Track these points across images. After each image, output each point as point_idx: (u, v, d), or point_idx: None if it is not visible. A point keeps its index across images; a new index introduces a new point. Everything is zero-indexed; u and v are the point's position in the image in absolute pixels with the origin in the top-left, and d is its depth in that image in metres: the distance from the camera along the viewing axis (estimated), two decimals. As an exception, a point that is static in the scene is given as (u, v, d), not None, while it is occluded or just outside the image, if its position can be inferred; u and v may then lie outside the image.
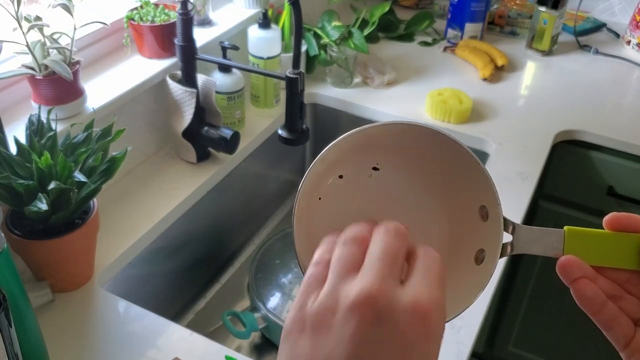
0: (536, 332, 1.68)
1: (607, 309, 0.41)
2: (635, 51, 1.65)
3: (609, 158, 1.37)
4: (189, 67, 1.14)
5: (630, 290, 0.42)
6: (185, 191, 1.15)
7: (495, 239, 0.43)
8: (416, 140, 0.44)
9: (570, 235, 0.43)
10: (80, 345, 0.85)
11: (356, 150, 0.44)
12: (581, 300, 0.42)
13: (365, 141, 0.44)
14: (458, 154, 0.43)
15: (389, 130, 0.44)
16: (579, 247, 0.42)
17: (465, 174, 0.44)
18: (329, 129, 1.52)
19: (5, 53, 0.93)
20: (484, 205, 0.44)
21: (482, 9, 1.65)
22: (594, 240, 0.43)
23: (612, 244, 0.42)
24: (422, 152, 0.45)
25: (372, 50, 1.55)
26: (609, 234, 0.43)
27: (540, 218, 1.50)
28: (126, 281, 1.04)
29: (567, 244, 0.43)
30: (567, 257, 0.42)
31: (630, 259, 0.42)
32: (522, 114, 1.41)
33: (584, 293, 0.42)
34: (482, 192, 0.44)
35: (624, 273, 0.42)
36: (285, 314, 1.17)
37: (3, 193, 0.80)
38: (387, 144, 0.44)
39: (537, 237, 0.43)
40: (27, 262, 0.89)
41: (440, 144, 0.43)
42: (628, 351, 0.42)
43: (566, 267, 0.42)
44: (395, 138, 0.44)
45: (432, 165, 0.45)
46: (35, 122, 0.86)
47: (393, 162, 0.45)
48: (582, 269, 0.42)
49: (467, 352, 0.86)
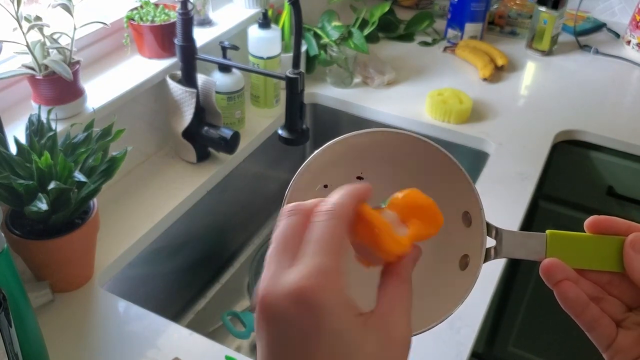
0: (536, 332, 1.68)
1: (589, 311, 0.42)
2: (635, 51, 1.65)
3: (609, 158, 1.37)
4: (189, 67, 1.14)
5: (612, 291, 0.43)
6: (185, 191, 1.15)
7: (479, 244, 0.44)
8: (398, 148, 0.45)
9: (553, 238, 0.43)
10: (80, 345, 0.85)
11: (339, 159, 0.45)
12: (564, 302, 0.43)
13: (348, 150, 0.44)
14: (440, 160, 0.44)
15: (370, 138, 0.44)
16: (561, 251, 0.43)
17: (447, 179, 0.44)
18: (329, 129, 1.52)
19: (5, 53, 0.93)
20: (467, 211, 0.45)
21: (482, 9, 1.65)
22: (576, 244, 0.43)
23: (593, 247, 0.43)
24: (405, 159, 0.45)
25: (372, 50, 1.55)
26: (590, 237, 0.43)
27: (540, 218, 1.50)
28: (126, 281, 1.04)
29: (550, 247, 0.43)
30: (549, 260, 0.43)
31: (612, 262, 0.42)
32: (522, 114, 1.41)
33: (566, 295, 0.42)
34: (465, 197, 0.44)
35: (606, 275, 0.43)
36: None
37: (3, 193, 0.80)
38: (370, 152, 0.45)
39: (520, 242, 0.44)
40: (27, 262, 0.89)
41: (422, 150, 0.44)
42: (610, 352, 0.42)
43: (549, 269, 0.42)
44: (377, 146, 0.45)
45: (414, 172, 0.45)
46: (35, 122, 0.86)
47: (376, 170, 0.46)
48: (564, 271, 0.42)
49: (467, 352, 0.86)
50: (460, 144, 1.35)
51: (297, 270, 0.32)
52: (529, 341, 1.71)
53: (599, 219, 0.43)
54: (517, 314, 1.66)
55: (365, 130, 0.44)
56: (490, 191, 1.16)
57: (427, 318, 0.42)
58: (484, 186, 1.18)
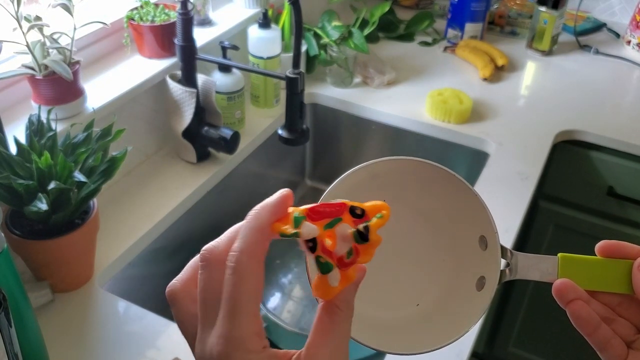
0: (536, 332, 1.68)
1: (601, 331, 0.43)
2: (635, 51, 1.65)
3: (609, 158, 1.37)
4: (189, 67, 1.13)
5: (622, 313, 0.44)
6: (185, 191, 1.15)
7: (495, 267, 0.46)
8: (418, 174, 0.47)
9: (564, 261, 0.45)
10: (80, 345, 0.85)
11: (358, 186, 0.46)
12: (576, 321, 0.44)
13: (367, 177, 0.46)
14: (456, 186, 0.46)
15: (391, 165, 0.46)
16: (573, 273, 0.45)
17: (465, 206, 0.47)
18: (329, 129, 1.52)
19: (5, 53, 0.93)
20: (484, 235, 0.47)
21: (482, 9, 1.65)
22: (587, 266, 0.45)
23: (603, 270, 0.44)
24: (424, 186, 0.47)
25: (372, 50, 1.55)
26: (600, 260, 0.45)
27: (540, 218, 1.50)
28: (126, 281, 1.04)
29: (561, 269, 0.45)
30: (561, 281, 0.44)
31: (621, 284, 0.44)
32: (522, 114, 1.41)
33: (579, 314, 0.43)
34: (481, 222, 0.47)
35: (616, 297, 0.44)
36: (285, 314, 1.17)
37: (3, 193, 0.80)
38: (390, 179, 0.47)
39: (533, 264, 0.46)
40: (27, 262, 0.89)
41: (441, 177, 0.46)
42: None
43: (561, 289, 0.44)
44: (398, 173, 0.47)
45: (434, 198, 0.48)
46: (35, 122, 0.86)
47: (398, 196, 0.47)
48: (576, 291, 0.44)
49: (467, 352, 0.86)
50: (460, 144, 1.35)
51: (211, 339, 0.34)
52: (529, 341, 1.71)
53: (608, 243, 0.45)
54: (517, 314, 1.66)
55: (385, 158, 0.46)
56: (490, 191, 1.16)
57: (444, 335, 0.44)
58: (484, 186, 1.18)
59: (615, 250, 0.44)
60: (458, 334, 0.44)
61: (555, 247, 1.52)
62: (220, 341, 0.33)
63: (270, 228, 0.35)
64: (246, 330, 0.33)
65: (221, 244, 0.36)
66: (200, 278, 0.36)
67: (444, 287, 0.48)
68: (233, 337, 0.33)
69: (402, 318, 0.47)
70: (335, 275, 0.34)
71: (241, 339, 0.33)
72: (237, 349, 0.33)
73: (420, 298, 0.48)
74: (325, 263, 0.34)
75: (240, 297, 0.33)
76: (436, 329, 0.46)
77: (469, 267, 0.48)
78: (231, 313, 0.33)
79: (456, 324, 0.45)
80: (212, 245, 0.36)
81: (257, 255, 0.34)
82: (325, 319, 0.35)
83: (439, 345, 0.44)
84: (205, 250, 0.36)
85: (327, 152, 1.58)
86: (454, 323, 0.45)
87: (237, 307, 0.33)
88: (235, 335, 0.33)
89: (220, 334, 0.33)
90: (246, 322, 0.33)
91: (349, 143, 1.53)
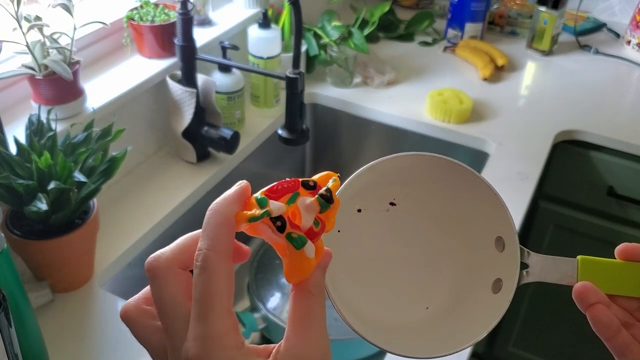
0: (536, 332, 1.68)
1: (621, 336, 0.42)
2: (635, 51, 1.65)
3: (609, 158, 1.37)
4: (189, 67, 1.13)
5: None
6: (185, 191, 1.15)
7: (513, 269, 0.44)
8: (432, 171, 0.45)
9: (584, 264, 0.44)
10: (80, 345, 0.85)
11: (371, 184, 0.45)
12: (597, 326, 0.43)
13: (379, 176, 0.45)
14: (473, 184, 0.45)
15: (400, 162, 0.44)
16: (592, 276, 0.44)
17: (481, 204, 0.45)
18: (329, 129, 1.52)
19: (5, 53, 0.93)
20: (501, 236, 0.45)
21: (482, 9, 1.65)
22: (606, 269, 0.44)
23: (623, 273, 0.44)
24: (439, 183, 0.45)
25: (372, 50, 1.55)
26: (620, 263, 0.44)
27: (540, 218, 1.50)
28: (126, 281, 1.04)
29: (581, 272, 0.44)
30: (582, 284, 0.43)
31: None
32: (522, 114, 1.41)
33: (599, 319, 0.42)
34: (499, 222, 0.45)
35: (635, 302, 0.44)
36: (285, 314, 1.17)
37: (3, 193, 0.80)
38: (401, 177, 0.45)
39: (552, 266, 0.44)
40: (27, 262, 0.89)
41: (457, 173, 0.45)
42: None
43: (582, 293, 0.43)
44: (409, 170, 0.45)
45: (448, 197, 0.46)
46: (35, 122, 0.86)
47: (409, 195, 0.46)
48: (597, 295, 0.43)
49: (467, 352, 0.86)
50: (460, 144, 1.35)
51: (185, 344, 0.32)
52: (529, 341, 1.71)
53: (629, 247, 0.44)
54: (518, 314, 1.66)
55: (393, 155, 0.44)
56: (490, 191, 1.16)
57: (459, 340, 0.42)
58: (484, 186, 1.18)
59: (636, 254, 0.43)
60: (470, 341, 0.42)
61: (555, 247, 1.52)
62: (197, 343, 0.32)
63: (235, 218, 0.34)
64: (222, 328, 0.32)
65: (167, 250, 0.36)
66: (153, 290, 0.35)
67: (455, 290, 0.46)
68: (209, 337, 0.32)
69: (411, 321, 0.45)
70: (310, 246, 0.34)
71: (218, 337, 0.32)
72: (215, 348, 0.32)
73: (430, 301, 0.46)
74: (298, 237, 0.33)
75: (212, 295, 0.32)
76: (446, 333, 0.44)
77: (484, 269, 0.46)
78: (204, 312, 0.32)
79: (470, 327, 0.43)
80: (156, 253, 0.35)
81: (224, 251, 0.34)
82: (301, 307, 0.35)
83: (450, 351, 0.42)
84: (152, 258, 0.35)
85: (327, 152, 1.58)
86: (467, 326, 0.43)
87: (209, 306, 0.32)
88: (211, 334, 0.32)
89: (195, 336, 0.32)
90: (220, 319, 0.32)
91: (349, 143, 1.53)
